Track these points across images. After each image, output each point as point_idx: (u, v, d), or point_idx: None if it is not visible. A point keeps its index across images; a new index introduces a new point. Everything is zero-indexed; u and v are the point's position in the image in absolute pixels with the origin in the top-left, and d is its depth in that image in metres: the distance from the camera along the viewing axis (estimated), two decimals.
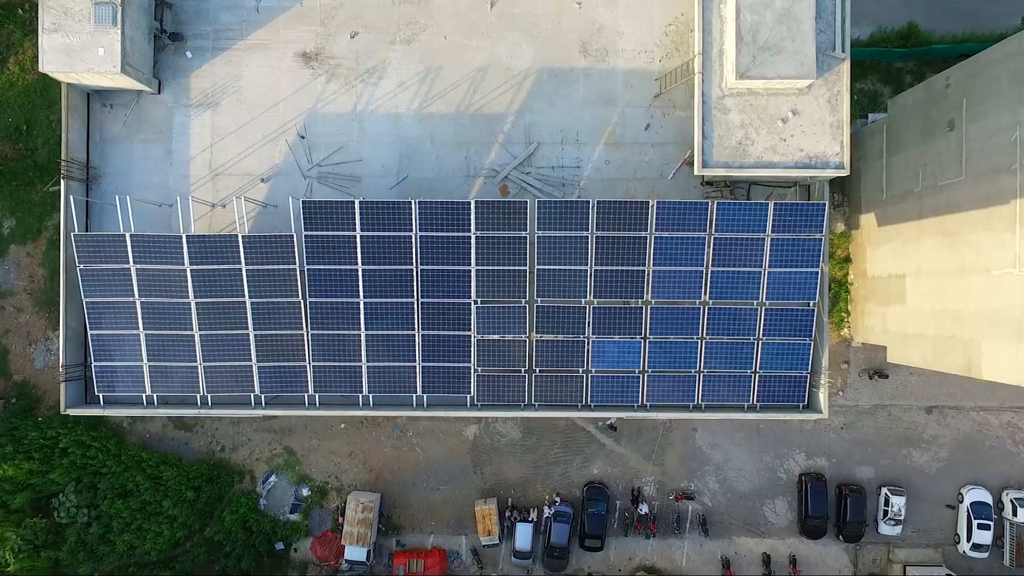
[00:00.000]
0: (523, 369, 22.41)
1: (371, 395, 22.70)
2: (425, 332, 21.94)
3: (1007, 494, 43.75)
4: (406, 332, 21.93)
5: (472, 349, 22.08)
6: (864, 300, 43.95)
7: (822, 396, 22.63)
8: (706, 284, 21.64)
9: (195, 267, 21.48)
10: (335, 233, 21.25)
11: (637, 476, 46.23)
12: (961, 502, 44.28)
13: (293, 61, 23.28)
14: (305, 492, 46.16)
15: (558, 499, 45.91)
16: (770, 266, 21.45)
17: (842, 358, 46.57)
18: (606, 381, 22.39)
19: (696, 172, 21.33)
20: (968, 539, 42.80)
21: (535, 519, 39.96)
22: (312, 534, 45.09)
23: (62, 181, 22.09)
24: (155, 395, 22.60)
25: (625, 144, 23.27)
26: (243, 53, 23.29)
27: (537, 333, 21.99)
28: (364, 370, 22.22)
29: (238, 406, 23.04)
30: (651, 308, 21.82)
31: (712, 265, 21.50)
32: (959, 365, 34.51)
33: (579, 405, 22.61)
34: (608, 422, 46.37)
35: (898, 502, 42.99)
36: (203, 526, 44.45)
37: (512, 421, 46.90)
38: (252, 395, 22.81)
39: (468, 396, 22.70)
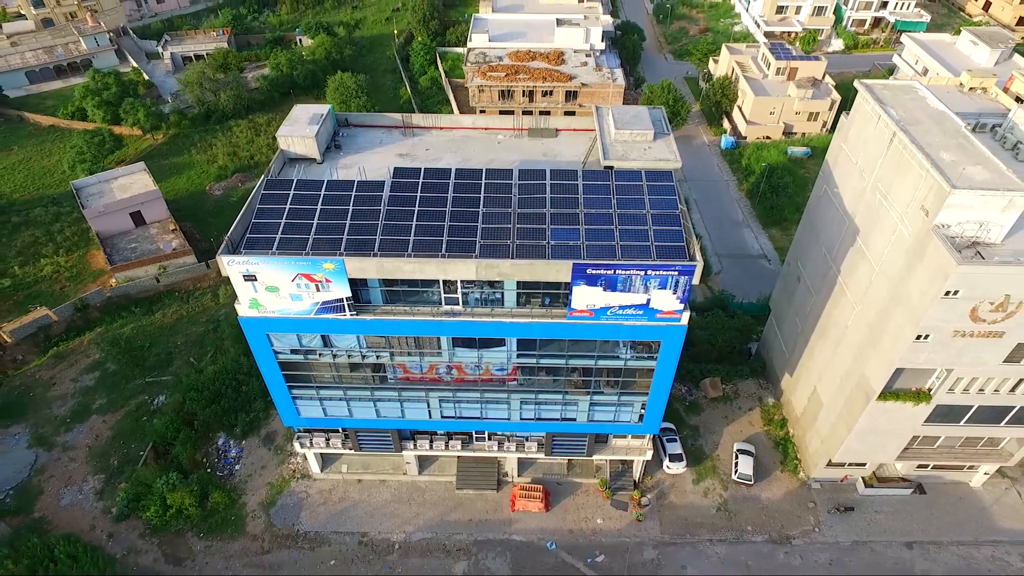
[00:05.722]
0: (509, 241, 36.35)
1: (413, 253, 35.92)
2: (451, 223, 37.09)
3: None
4: (439, 223, 37.08)
5: (478, 230, 36.72)
6: (803, 438, 52.71)
7: (698, 254, 35.54)
8: (615, 206, 37.98)
9: (326, 193, 38.50)
10: (409, 180, 39.13)
11: None
12: None
13: (394, 155, 45.28)
14: None
15: None
16: (648, 194, 38.23)
17: (808, 499, 51.36)
18: (560, 247, 36.00)
19: (601, 162, 40.57)
20: None
21: None
22: None
23: (265, 178, 41.03)
24: (276, 251, 35.88)
25: None
26: (369, 153, 45.59)
27: (518, 225, 37.06)
28: (411, 240, 36.28)
29: (328, 256, 35.78)
30: (584, 214, 37.53)
31: (616, 194, 38.36)
32: (863, 396, 43.83)
33: (544, 257, 35.46)
34: (597, 557, 48.49)
35: None
36: None
37: (502, 558, 48.24)
38: (339, 251, 35.98)
39: (474, 253, 35.82)
